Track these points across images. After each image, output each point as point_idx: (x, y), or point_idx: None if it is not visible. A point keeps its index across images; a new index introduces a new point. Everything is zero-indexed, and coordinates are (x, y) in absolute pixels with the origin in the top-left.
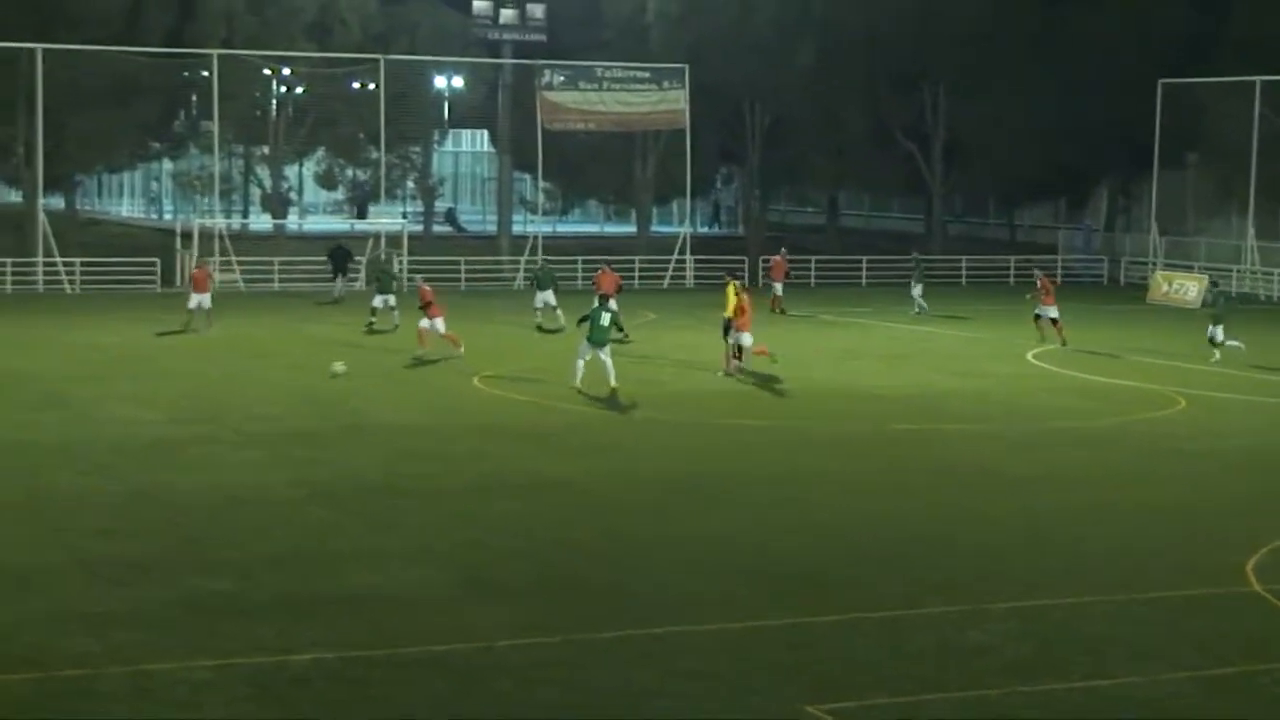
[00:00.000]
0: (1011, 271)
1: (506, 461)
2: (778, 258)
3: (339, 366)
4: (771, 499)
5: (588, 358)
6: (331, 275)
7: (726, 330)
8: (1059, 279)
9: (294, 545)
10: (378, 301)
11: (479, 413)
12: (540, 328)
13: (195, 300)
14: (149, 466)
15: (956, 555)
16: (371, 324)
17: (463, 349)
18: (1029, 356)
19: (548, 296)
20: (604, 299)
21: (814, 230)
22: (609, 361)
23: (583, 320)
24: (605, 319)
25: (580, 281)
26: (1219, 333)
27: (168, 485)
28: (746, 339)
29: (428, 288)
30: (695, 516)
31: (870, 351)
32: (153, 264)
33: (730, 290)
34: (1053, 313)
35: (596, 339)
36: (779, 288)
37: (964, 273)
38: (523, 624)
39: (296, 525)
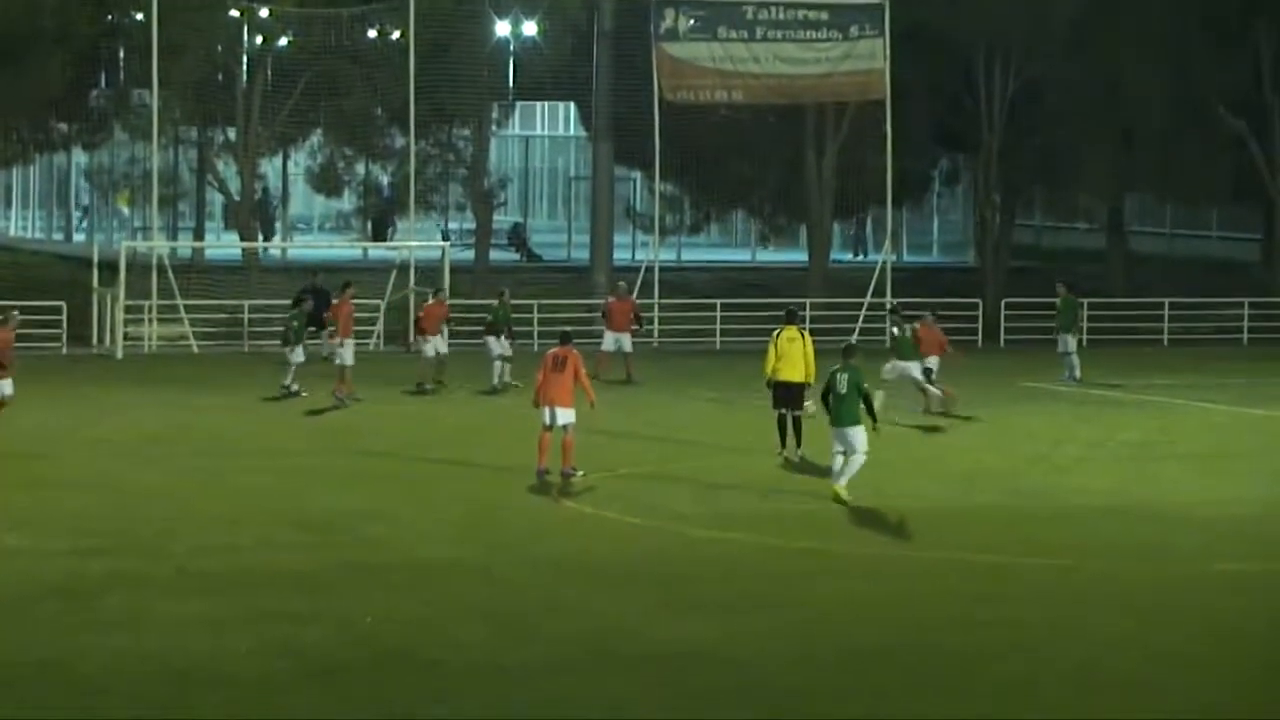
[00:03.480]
0: None
1: (602, 619)
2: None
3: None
4: (1023, 681)
5: (842, 450)
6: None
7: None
8: None
9: None
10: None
11: (556, 541)
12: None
13: (431, 348)
14: (45, 624)
15: None
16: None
17: None
18: None
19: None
20: (849, 349)
21: (1087, 257)
22: (857, 456)
23: (826, 394)
24: (844, 383)
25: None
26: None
27: (75, 654)
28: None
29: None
30: (903, 707)
31: (1176, 448)
32: (57, 309)
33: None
34: (918, 370)
35: (838, 418)
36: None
37: None
38: None
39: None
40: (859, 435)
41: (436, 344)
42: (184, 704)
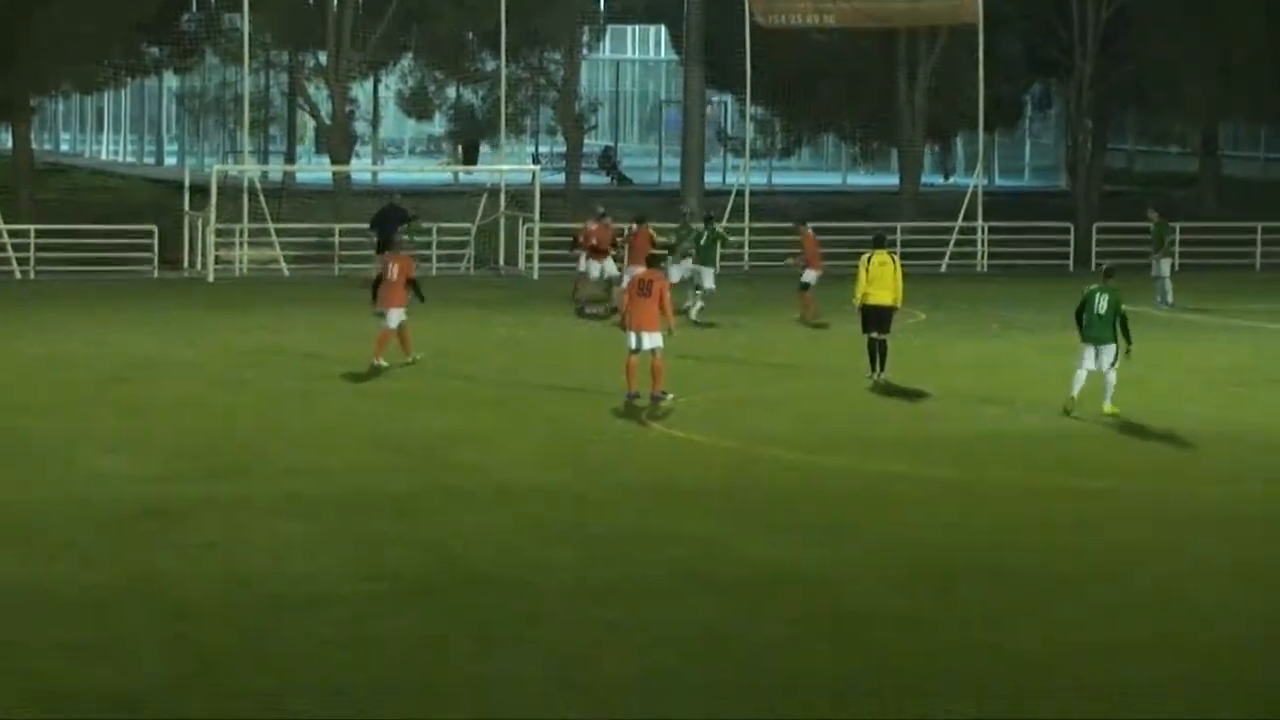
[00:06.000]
0: None
1: (692, 543)
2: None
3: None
4: (1114, 604)
5: (1090, 366)
6: (377, 249)
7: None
8: None
9: (370, 673)
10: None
11: (647, 464)
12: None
13: (596, 269)
14: (140, 546)
15: None
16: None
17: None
18: None
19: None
20: (1109, 270)
21: (1180, 181)
22: (1110, 374)
23: (1081, 311)
24: (1104, 304)
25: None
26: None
27: (168, 576)
28: None
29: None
30: (992, 629)
31: (1271, 373)
32: (148, 234)
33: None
34: (809, 277)
35: (1096, 336)
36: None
37: None
38: None
39: (372, 642)
40: (1112, 352)
41: (606, 266)
42: (277, 626)
